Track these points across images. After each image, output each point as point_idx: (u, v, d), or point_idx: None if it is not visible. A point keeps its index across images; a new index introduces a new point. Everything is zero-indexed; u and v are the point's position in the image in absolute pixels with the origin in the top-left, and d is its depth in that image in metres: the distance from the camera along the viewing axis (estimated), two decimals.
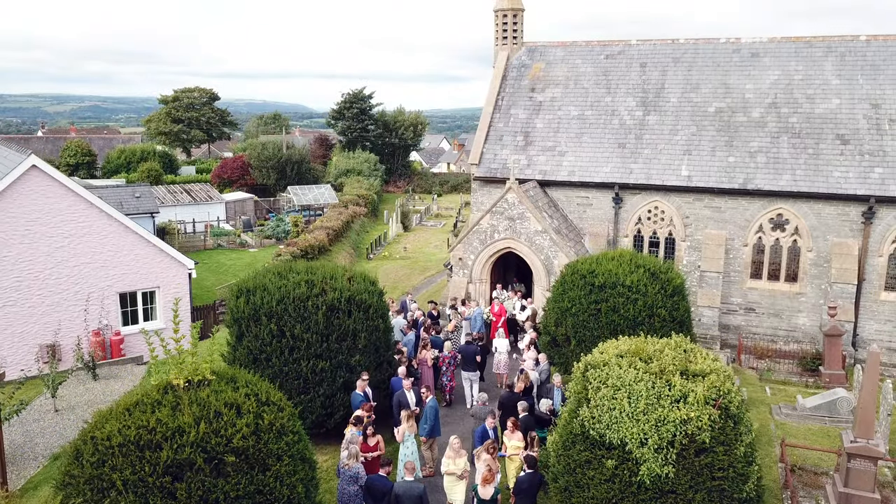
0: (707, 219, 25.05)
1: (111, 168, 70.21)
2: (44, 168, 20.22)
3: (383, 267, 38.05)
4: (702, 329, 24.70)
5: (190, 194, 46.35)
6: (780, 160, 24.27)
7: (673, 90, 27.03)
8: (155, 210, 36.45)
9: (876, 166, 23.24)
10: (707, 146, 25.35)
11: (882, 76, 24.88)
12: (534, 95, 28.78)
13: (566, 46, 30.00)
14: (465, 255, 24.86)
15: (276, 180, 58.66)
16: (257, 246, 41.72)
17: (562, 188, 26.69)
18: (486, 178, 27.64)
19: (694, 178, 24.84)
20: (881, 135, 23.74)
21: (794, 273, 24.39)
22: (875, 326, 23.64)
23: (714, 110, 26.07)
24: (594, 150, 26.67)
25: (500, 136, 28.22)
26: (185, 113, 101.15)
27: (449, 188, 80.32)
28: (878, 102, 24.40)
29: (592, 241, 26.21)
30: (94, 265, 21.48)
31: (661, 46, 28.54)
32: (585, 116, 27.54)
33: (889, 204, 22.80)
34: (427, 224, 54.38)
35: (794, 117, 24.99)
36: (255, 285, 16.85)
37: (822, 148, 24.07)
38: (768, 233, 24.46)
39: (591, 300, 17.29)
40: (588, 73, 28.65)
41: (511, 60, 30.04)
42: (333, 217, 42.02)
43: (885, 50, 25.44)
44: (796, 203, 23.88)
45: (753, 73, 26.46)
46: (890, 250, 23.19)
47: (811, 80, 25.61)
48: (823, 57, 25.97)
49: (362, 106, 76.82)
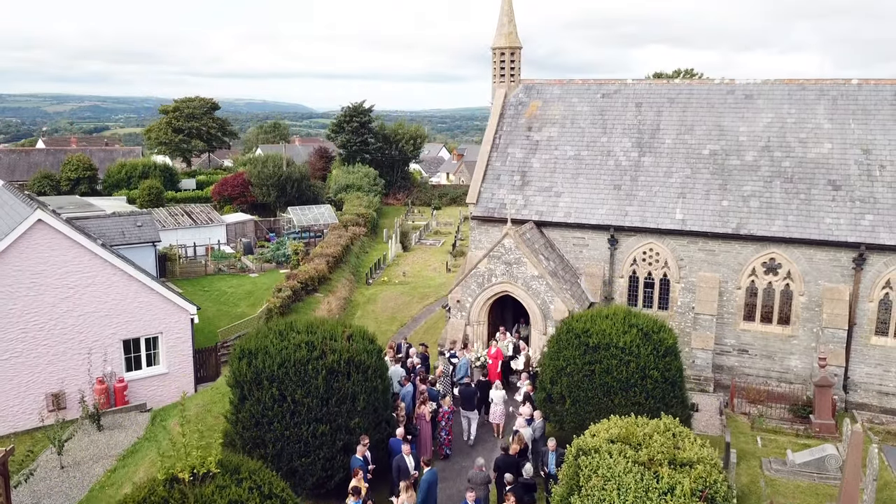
0: (701, 261, 25.46)
1: (112, 182, 70.65)
2: (49, 222, 20.61)
3: (382, 294, 38.45)
4: (696, 371, 25.14)
5: (191, 217, 46.74)
6: (773, 205, 24.68)
7: (668, 131, 27.42)
8: (157, 239, 36.80)
9: (867, 213, 23.64)
10: (701, 189, 25.75)
11: (873, 121, 25.29)
12: (531, 134, 29.18)
13: (563, 84, 30.39)
14: (462, 297, 25.26)
15: (276, 198, 59.03)
16: (258, 270, 42.10)
17: (558, 228, 27.08)
18: (483, 217, 28.04)
19: (688, 222, 25.25)
20: (872, 181, 24.15)
21: (787, 316, 24.80)
22: (866, 370, 24.06)
23: (708, 153, 26.47)
24: (590, 191, 27.07)
25: (497, 176, 28.62)
26: (185, 123, 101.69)
27: (448, 200, 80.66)
28: (869, 148, 24.81)
29: (589, 282, 26.62)
30: (99, 314, 21.88)
31: (657, 87, 28.95)
32: (582, 157, 27.94)
33: (879, 251, 23.20)
34: (426, 243, 54.76)
35: (787, 161, 25.39)
36: (256, 347, 17.24)
37: (813, 193, 24.48)
38: (761, 276, 24.87)
39: (586, 361, 17.69)
40: (584, 112, 29.04)
41: (508, 98, 30.43)
42: (333, 242, 42.39)
43: (876, 94, 25.85)
44: (788, 248, 24.28)
45: (747, 115, 26.86)
46: (880, 296, 23.60)
47: (804, 123, 26.02)
48: (816, 100, 26.38)
49: (362, 119, 77.20)
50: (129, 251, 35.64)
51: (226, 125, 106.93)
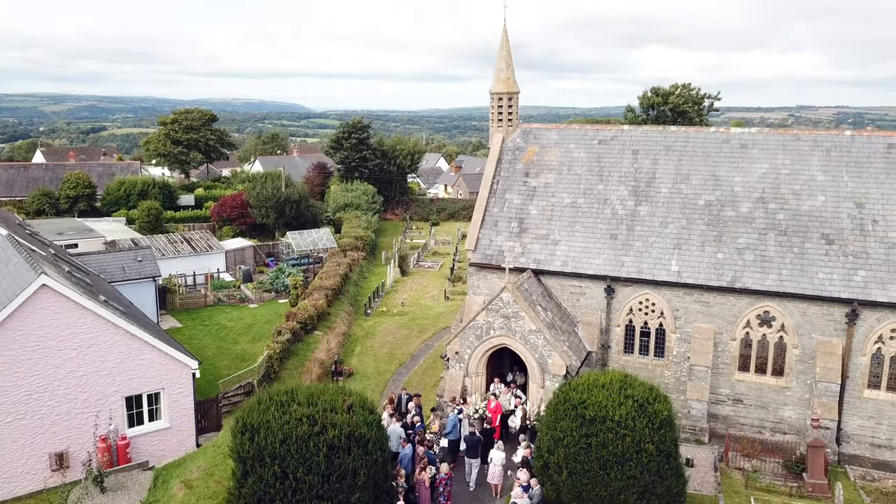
0: (696, 312, 25.78)
1: (111, 200, 70.91)
2: (54, 286, 20.86)
3: (381, 326, 38.75)
4: (691, 421, 25.48)
5: (190, 244, 46.98)
6: (767, 258, 25.01)
7: (664, 180, 27.73)
8: (157, 273, 37.02)
9: (859, 268, 23.98)
10: (696, 241, 26.07)
11: (866, 174, 25.62)
12: (528, 180, 29.47)
13: (560, 130, 30.71)
14: (461, 349, 25.57)
15: (275, 219, 59.27)
16: (257, 301, 42.37)
17: (556, 277, 27.38)
18: (481, 264, 28.32)
19: (683, 274, 25.56)
20: (864, 236, 24.48)
21: (781, 367, 25.14)
22: (859, 422, 24.41)
23: (704, 203, 26.79)
24: (587, 239, 27.38)
25: (495, 222, 28.91)
26: (183, 134, 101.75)
27: (446, 216, 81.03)
28: (862, 202, 25.14)
29: (586, 330, 26.94)
30: (102, 373, 22.14)
31: (653, 134, 29.25)
32: (578, 204, 28.24)
33: (872, 307, 23.54)
34: (424, 265, 55.06)
35: (781, 213, 25.72)
36: (258, 421, 17.52)
37: (807, 247, 24.81)
38: (755, 328, 25.19)
39: (582, 433, 18.01)
40: (581, 158, 29.33)
41: (506, 142, 30.72)
42: (331, 272, 42.68)
43: (868, 146, 26.18)
44: (782, 301, 24.61)
45: (742, 165, 27.18)
46: (872, 350, 23.94)
47: (798, 174, 26.34)
48: (810, 151, 26.70)
49: (360, 136, 77.48)
50: (129, 287, 36.00)
51: (224, 136, 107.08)
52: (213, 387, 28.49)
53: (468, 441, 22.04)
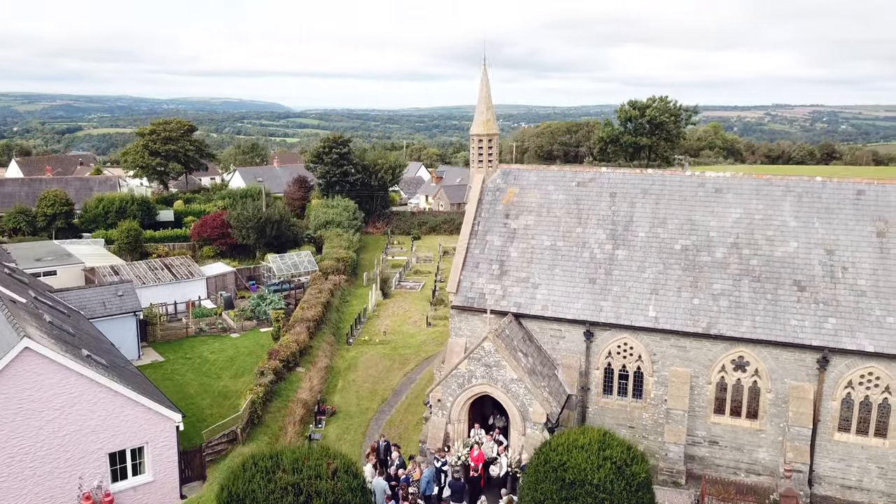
0: (673, 357, 26.35)
1: (89, 217, 70.30)
2: (37, 349, 20.88)
3: (363, 357, 38.95)
4: (668, 463, 26.07)
5: (171, 270, 46.83)
6: (742, 304, 25.63)
7: (641, 224, 28.26)
8: (137, 308, 36.95)
9: (830, 316, 24.68)
10: (673, 286, 26.63)
11: (836, 220, 26.33)
12: (508, 222, 29.86)
13: (539, 171, 31.15)
14: (444, 396, 25.92)
15: (255, 240, 59.18)
16: (239, 330, 42.40)
17: (536, 320, 27.81)
18: (463, 306, 28.66)
19: (661, 320, 26.11)
20: (835, 283, 25.19)
21: (755, 411, 25.80)
22: (830, 464, 25.15)
23: (680, 248, 27.36)
24: (566, 283, 27.83)
25: (476, 264, 29.27)
26: (162, 146, 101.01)
27: (427, 229, 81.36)
28: (833, 248, 25.84)
29: (566, 373, 27.41)
30: (85, 431, 22.20)
31: (630, 177, 29.78)
32: (558, 247, 28.68)
33: (841, 354, 24.25)
34: (406, 286, 55.32)
35: (755, 259, 26.36)
36: (244, 491, 17.71)
37: (780, 294, 25.47)
38: (730, 373, 25.82)
39: (562, 497, 18.41)
40: (560, 200, 29.78)
41: (487, 183, 31.09)
42: (312, 301, 42.81)
43: (838, 192, 26.91)
44: (756, 347, 25.25)
45: (717, 209, 27.78)
46: (843, 395, 24.66)
47: (771, 220, 27.00)
48: (782, 196, 27.37)
49: (341, 151, 77.55)
50: (110, 322, 35.96)
51: (203, 147, 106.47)
52: (197, 430, 28.54)
53: (452, 486, 22.57)
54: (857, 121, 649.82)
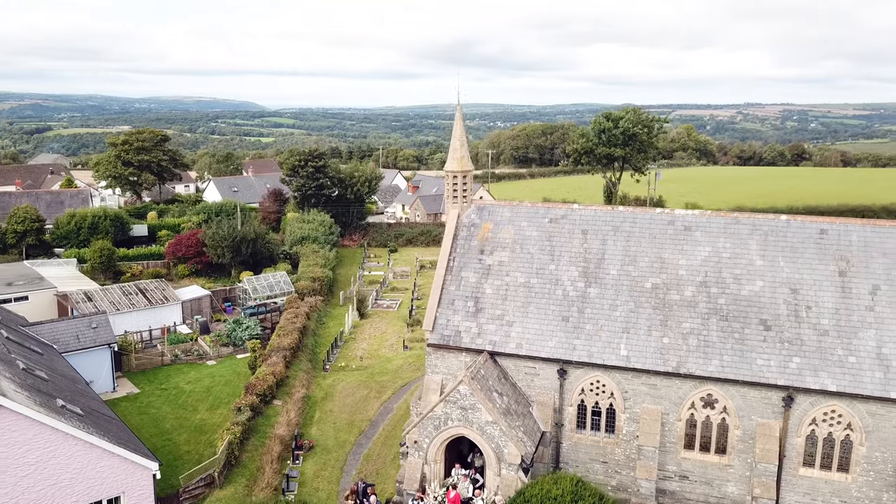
0: (644, 394, 26.94)
1: (61, 234, 69.51)
2: (9, 406, 20.81)
3: (340, 385, 39.11)
4: (640, 498, 26.66)
5: (145, 295, 46.54)
6: (710, 343, 26.30)
7: (613, 262, 28.82)
8: (112, 340, 36.75)
9: (794, 355, 25.43)
10: (644, 325, 27.22)
11: (800, 259, 27.11)
12: (483, 258, 30.25)
13: (513, 206, 31.56)
14: (420, 438, 26.24)
15: (231, 258, 58.97)
16: (215, 357, 42.34)
17: (511, 358, 28.24)
18: (439, 344, 28.98)
19: (632, 359, 26.69)
20: (799, 322, 25.96)
21: (724, 446, 26.50)
22: (795, 498, 25.93)
23: (650, 286, 27.96)
24: (540, 321, 28.29)
25: (452, 301, 29.61)
26: (135, 156, 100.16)
27: (404, 241, 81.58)
28: (797, 287, 26.62)
29: (540, 410, 27.89)
30: (60, 484, 22.15)
31: (602, 213, 30.31)
32: (531, 284, 29.13)
33: (805, 392, 25.02)
34: (383, 304, 55.53)
35: (723, 298, 27.04)
36: None
37: (747, 333, 26.17)
38: (700, 409, 26.48)
39: None
40: (533, 237, 30.23)
41: (461, 219, 31.44)
42: (289, 327, 42.85)
43: (802, 231, 27.69)
44: (724, 386, 25.93)
45: (686, 247, 28.42)
46: (807, 431, 25.43)
47: (738, 258, 27.70)
48: (749, 235, 28.09)
49: (317, 164, 77.45)
50: (84, 356, 35.79)
51: (177, 156, 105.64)
52: (174, 471, 28.54)
53: None
54: (826, 119, 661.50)
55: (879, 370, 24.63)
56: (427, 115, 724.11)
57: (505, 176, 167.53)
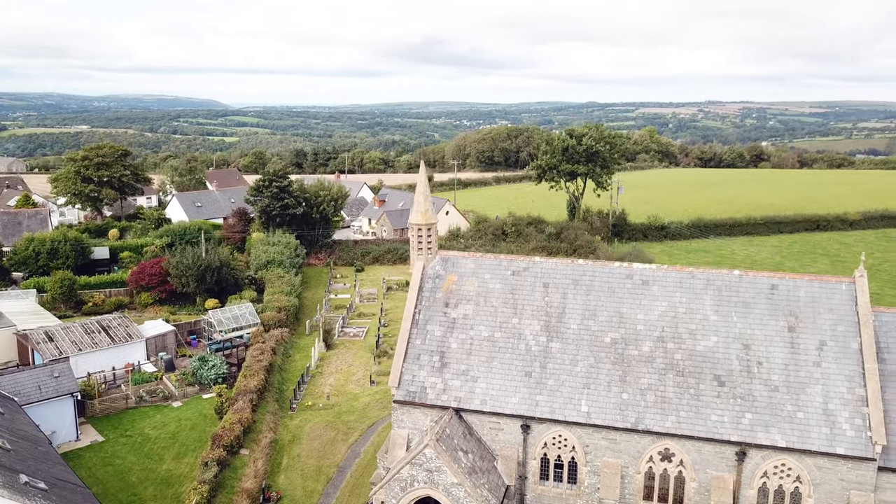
0: (605, 448, 27.78)
1: (19, 259, 68.07)
2: None
3: (307, 426, 39.30)
4: None
5: (108, 333, 46.06)
6: (667, 399, 27.23)
7: (573, 316, 29.58)
8: (74, 389, 36.43)
9: (746, 411, 26.48)
10: (604, 380, 28.04)
11: (752, 314, 28.19)
12: (448, 311, 30.76)
13: (476, 259, 32.12)
14: (387, 499, 26.68)
15: (195, 287, 58.56)
16: (181, 397, 42.16)
17: (476, 414, 28.83)
18: (405, 401, 29.43)
19: (592, 415, 27.49)
20: (751, 378, 27.03)
21: (681, 498, 27.47)
22: None
23: (610, 341, 28.79)
24: (503, 377, 28.93)
25: (417, 355, 30.07)
26: (95, 172, 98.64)
27: (371, 259, 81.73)
28: (749, 343, 27.69)
29: (504, 464, 28.56)
30: None
31: (562, 267, 31.06)
32: (495, 339, 29.75)
33: (757, 447, 26.09)
34: (349, 333, 55.72)
35: (679, 353, 28.00)
36: None
37: (702, 389, 27.16)
38: (658, 463, 27.42)
39: None
40: (496, 289, 30.85)
41: (427, 270, 31.90)
42: (255, 365, 42.85)
43: (753, 286, 28.79)
44: (681, 441, 26.88)
45: (644, 302, 29.31)
46: (759, 484, 26.52)
47: (693, 313, 28.68)
48: (703, 290, 29.09)
49: (281, 184, 77.12)
50: (47, 407, 35.49)
51: (138, 171, 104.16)
52: None
53: None
54: (784, 117, 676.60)
55: (826, 426, 25.82)
56: (394, 114, 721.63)
57: (471, 182, 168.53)
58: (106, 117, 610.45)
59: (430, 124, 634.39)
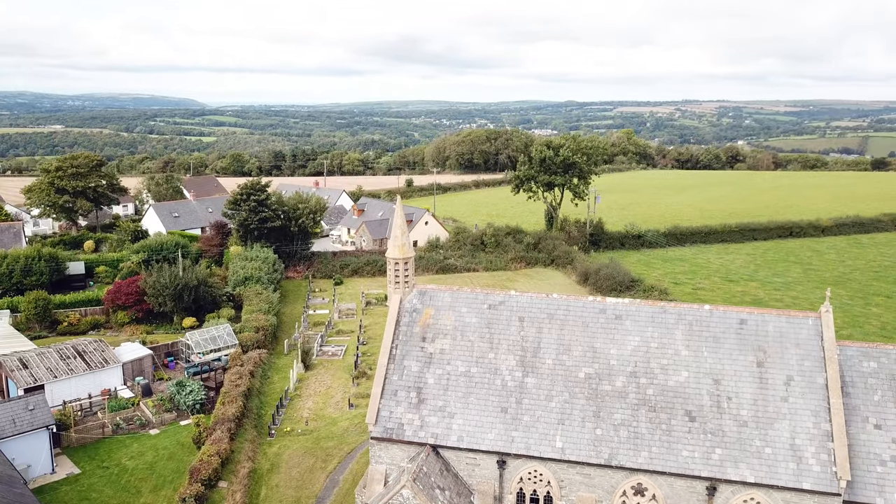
0: (579, 483, 28.25)
1: None
2: None
3: (286, 454, 39.40)
4: None
5: (84, 358, 45.74)
6: (640, 435, 27.76)
7: (548, 351, 30.01)
8: (50, 422, 36.18)
9: (717, 447, 27.09)
10: (578, 416, 28.51)
11: (722, 349, 28.81)
12: (425, 346, 31.05)
13: (453, 292, 32.43)
14: None
15: (172, 307, 58.29)
16: (158, 425, 42.03)
17: (453, 450, 29.16)
18: (383, 438, 29.68)
19: (567, 451, 27.94)
20: (721, 413, 27.64)
21: None
22: None
23: (584, 376, 29.27)
24: (480, 413, 29.29)
25: (394, 391, 30.33)
26: (69, 182, 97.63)
27: (349, 272, 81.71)
28: (719, 378, 28.31)
29: (481, 499, 28.94)
30: None
31: (537, 300, 31.47)
32: (472, 374, 30.10)
33: (727, 482, 26.71)
34: (328, 352, 55.80)
35: (651, 389, 28.54)
36: None
37: (673, 424, 27.72)
38: (631, 497, 27.93)
39: None
40: (473, 324, 31.19)
41: (404, 304, 32.16)
42: (233, 391, 42.80)
43: (723, 321, 29.42)
44: (653, 475, 27.42)
45: (617, 336, 29.83)
46: None
47: (665, 348, 29.24)
48: (675, 324, 29.66)
49: (259, 198, 76.88)
50: (22, 441, 35.28)
51: (114, 180, 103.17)
52: None
53: None
54: (759, 115, 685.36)
55: (793, 461, 26.50)
56: (373, 113, 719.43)
57: (451, 187, 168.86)
58: (81, 117, 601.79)
59: (410, 123, 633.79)
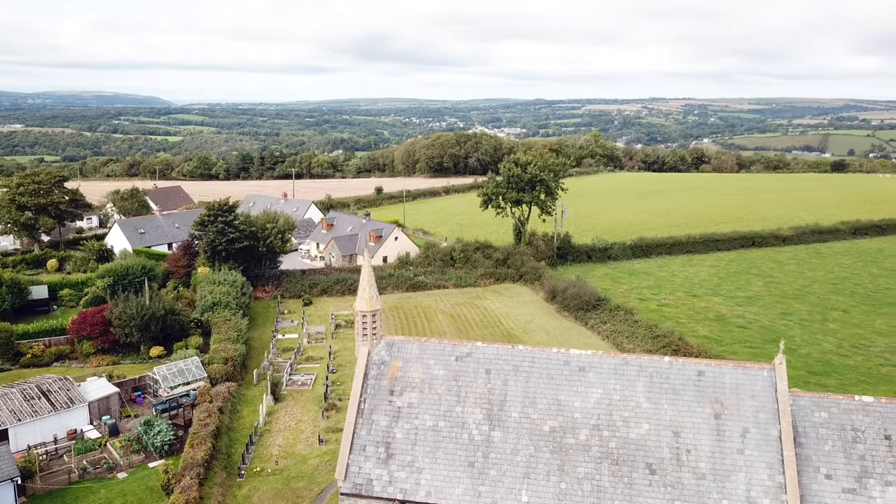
0: None
1: None
2: None
3: (256, 497, 39.50)
4: None
5: (48, 398, 45.24)
6: (602, 489, 28.56)
7: (514, 404, 30.67)
8: (14, 474, 35.83)
9: (676, 499, 27.99)
10: (543, 469, 29.22)
11: (681, 402, 29.74)
12: (393, 399, 31.50)
13: (421, 343, 32.91)
14: None
15: (139, 337, 57.82)
16: (126, 467, 41.82)
17: None
18: (352, 493, 30.09)
19: None
20: (680, 466, 28.57)
21: None
22: None
23: (548, 429, 29.98)
24: (448, 467, 29.84)
25: (363, 447, 30.73)
26: (30, 199, 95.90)
27: (319, 291, 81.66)
28: (679, 430, 29.23)
29: None
30: None
31: (503, 352, 32.09)
32: (439, 428, 30.62)
33: None
34: (297, 381, 55.87)
35: (613, 441, 29.36)
36: None
37: (635, 477, 28.57)
38: None
39: None
40: (440, 376, 31.72)
41: (372, 356, 32.55)
42: (202, 432, 42.65)
43: (682, 373, 30.36)
44: None
45: (580, 388, 30.60)
46: None
47: (627, 400, 30.08)
48: (636, 376, 30.52)
49: (227, 219, 76.42)
50: None
51: (77, 196, 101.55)
52: None
53: None
54: (724, 113, 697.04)
55: None
56: (341, 111, 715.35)
57: (420, 193, 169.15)
58: (42, 115, 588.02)
59: (380, 122, 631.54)
